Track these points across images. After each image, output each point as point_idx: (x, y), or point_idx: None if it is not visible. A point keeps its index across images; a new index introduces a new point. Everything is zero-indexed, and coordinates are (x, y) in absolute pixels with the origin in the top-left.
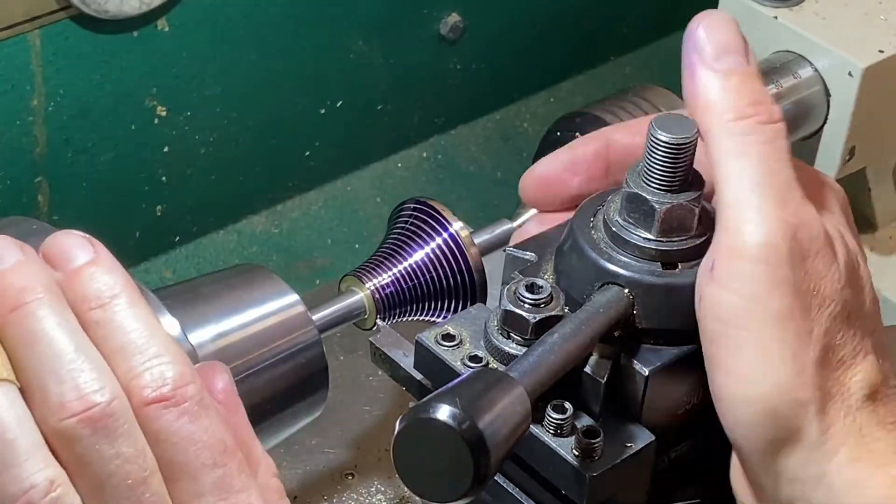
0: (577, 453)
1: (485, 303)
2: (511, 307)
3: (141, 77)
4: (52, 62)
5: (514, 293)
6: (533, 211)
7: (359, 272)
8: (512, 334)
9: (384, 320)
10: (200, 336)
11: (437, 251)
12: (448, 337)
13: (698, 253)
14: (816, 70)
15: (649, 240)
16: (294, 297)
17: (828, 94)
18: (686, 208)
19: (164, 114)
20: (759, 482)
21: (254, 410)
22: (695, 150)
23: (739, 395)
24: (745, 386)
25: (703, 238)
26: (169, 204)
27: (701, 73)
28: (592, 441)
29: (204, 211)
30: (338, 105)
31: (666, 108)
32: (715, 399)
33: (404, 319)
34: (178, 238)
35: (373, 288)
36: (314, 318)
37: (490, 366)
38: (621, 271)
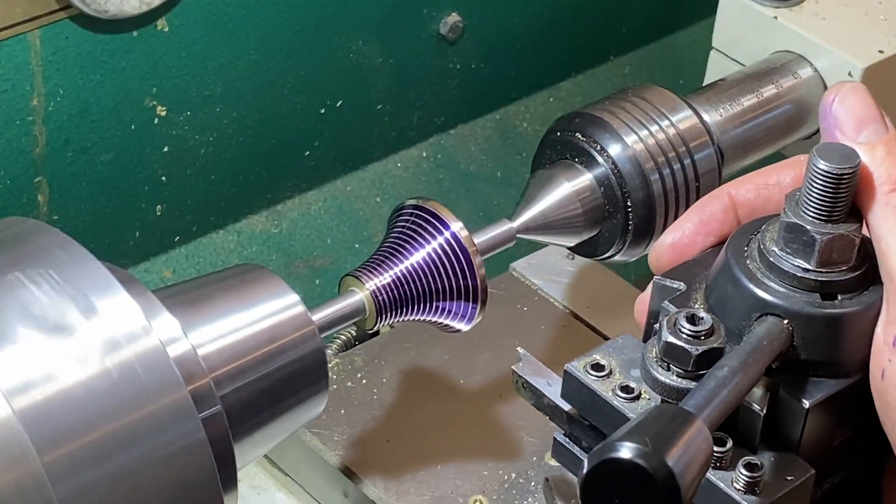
0: (738, 487)
1: (485, 305)
2: (672, 339)
3: (141, 77)
4: (52, 62)
5: (675, 324)
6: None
7: (359, 272)
8: (672, 366)
9: (384, 320)
10: (200, 336)
11: (438, 251)
12: (597, 367)
13: (858, 283)
14: (816, 70)
15: (808, 270)
16: (294, 297)
17: None
18: (846, 239)
19: (163, 114)
20: None
21: (253, 411)
22: (856, 179)
23: None
24: None
25: (863, 269)
26: (169, 204)
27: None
28: (754, 475)
29: (204, 211)
30: (337, 105)
31: (665, 108)
32: None
33: (404, 319)
34: (177, 238)
35: (373, 288)
36: (314, 318)
37: (643, 397)
38: (780, 302)
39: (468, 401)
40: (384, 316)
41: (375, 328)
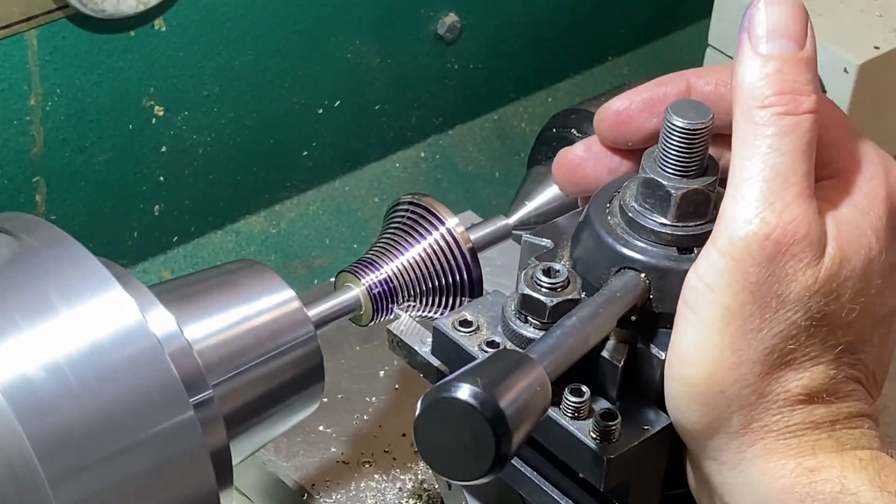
0: (594, 436)
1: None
2: (528, 291)
3: (138, 77)
4: (50, 62)
5: (532, 277)
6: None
7: (354, 268)
8: (529, 318)
9: (380, 316)
10: (196, 331)
11: (433, 247)
12: (465, 323)
13: None
14: None
15: (665, 225)
16: (290, 292)
17: (823, 91)
18: (702, 193)
19: (161, 113)
20: (695, 463)
21: (250, 406)
22: (710, 135)
23: (677, 374)
24: (683, 366)
25: None
26: (167, 204)
27: (744, 54)
28: (610, 423)
29: (202, 211)
30: (335, 105)
31: None
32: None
33: (399, 314)
34: (176, 238)
35: (368, 284)
36: (310, 313)
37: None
38: (638, 256)
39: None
40: (380, 311)
41: (371, 323)
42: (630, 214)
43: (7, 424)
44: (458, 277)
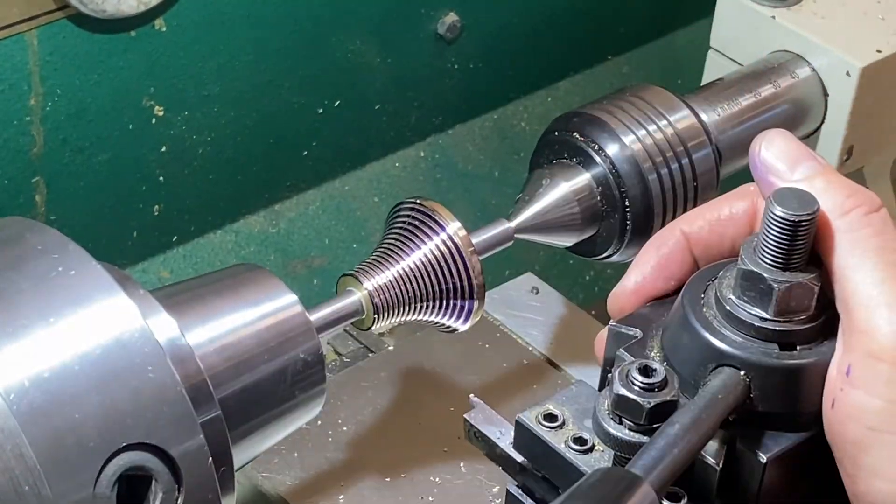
0: None
1: (483, 304)
2: (624, 392)
3: (138, 77)
4: (50, 62)
5: (627, 376)
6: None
7: (356, 273)
8: (624, 419)
9: (382, 320)
10: (198, 336)
11: (435, 252)
12: (550, 417)
13: (817, 333)
14: (814, 70)
15: (766, 319)
16: (292, 297)
17: (825, 94)
18: (805, 287)
19: (161, 113)
20: None
21: (251, 411)
22: (815, 226)
23: (892, 499)
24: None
25: (822, 318)
26: (166, 204)
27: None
28: None
29: (202, 211)
30: (335, 105)
31: (663, 107)
32: (855, 497)
33: (402, 320)
34: (175, 238)
35: (371, 288)
36: (312, 318)
37: (597, 448)
38: (737, 352)
39: (426, 443)
40: (382, 316)
41: (373, 328)
42: (727, 307)
43: (9, 429)
44: (460, 282)
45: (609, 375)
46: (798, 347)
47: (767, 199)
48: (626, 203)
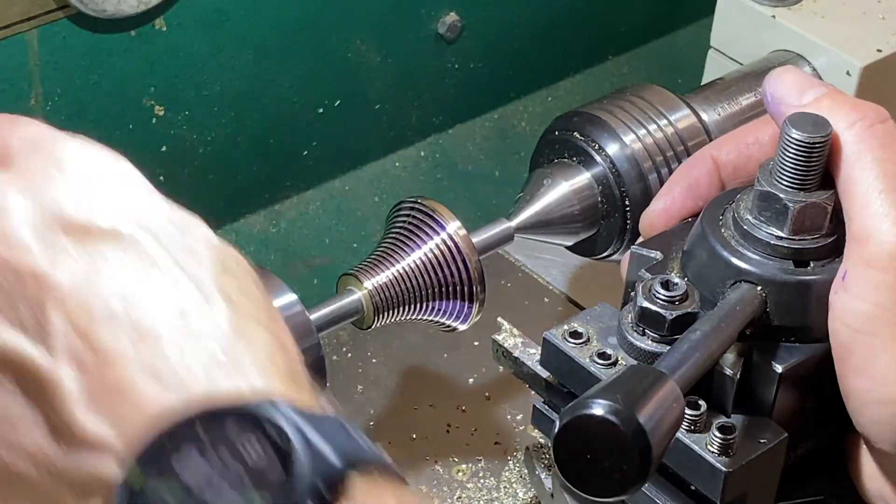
0: (712, 450)
1: (483, 304)
2: (647, 304)
3: (139, 76)
4: (50, 62)
5: (650, 290)
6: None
7: (357, 272)
8: (648, 331)
9: (382, 320)
10: None
11: (435, 251)
12: (575, 334)
13: (830, 251)
14: (814, 69)
15: (782, 238)
16: (292, 296)
17: None
18: (819, 207)
19: (161, 113)
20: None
21: None
22: (828, 148)
23: (874, 397)
24: (880, 388)
25: (835, 236)
26: None
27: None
28: (728, 437)
29: (202, 210)
30: (336, 104)
31: (663, 107)
32: (847, 399)
33: (402, 319)
34: None
35: (371, 288)
36: (312, 317)
37: (620, 363)
38: (754, 269)
39: (449, 376)
40: (382, 315)
41: (373, 327)
42: (745, 227)
43: None
44: (460, 281)
45: (631, 295)
46: (812, 264)
47: (783, 123)
48: (627, 202)
